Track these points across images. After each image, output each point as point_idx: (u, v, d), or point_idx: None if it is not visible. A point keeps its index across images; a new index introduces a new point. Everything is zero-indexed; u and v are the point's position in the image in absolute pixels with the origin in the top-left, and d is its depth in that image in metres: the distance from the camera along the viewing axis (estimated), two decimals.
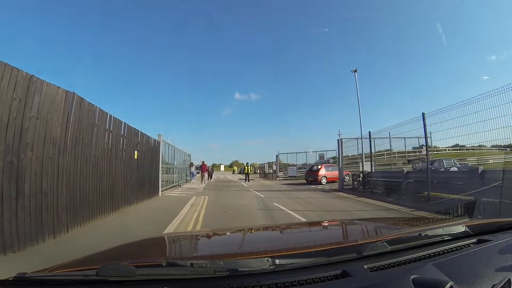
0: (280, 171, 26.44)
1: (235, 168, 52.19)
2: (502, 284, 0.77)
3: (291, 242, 1.54)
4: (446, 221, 1.90)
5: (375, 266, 0.89)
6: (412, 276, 0.76)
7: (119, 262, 0.93)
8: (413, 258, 0.96)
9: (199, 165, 22.78)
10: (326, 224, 2.13)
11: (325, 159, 24.32)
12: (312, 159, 26.12)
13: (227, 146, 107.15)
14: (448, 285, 0.71)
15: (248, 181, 21.28)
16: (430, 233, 1.11)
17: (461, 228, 1.16)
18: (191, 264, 0.82)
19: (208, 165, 22.47)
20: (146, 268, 0.87)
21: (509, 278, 0.79)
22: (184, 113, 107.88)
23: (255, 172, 50.78)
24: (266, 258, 0.85)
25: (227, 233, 1.89)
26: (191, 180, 20.71)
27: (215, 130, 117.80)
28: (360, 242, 1.05)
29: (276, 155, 26.63)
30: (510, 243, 1.08)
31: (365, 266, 0.88)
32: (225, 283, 0.79)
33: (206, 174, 21.15)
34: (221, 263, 0.83)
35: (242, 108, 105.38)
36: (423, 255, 0.98)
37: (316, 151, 25.62)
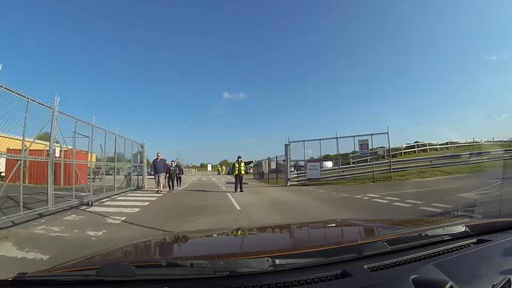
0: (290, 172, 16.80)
1: (220, 168, 42.41)
2: (502, 284, 0.77)
3: (291, 242, 1.53)
4: (446, 221, 1.87)
5: (375, 266, 0.88)
6: (412, 276, 0.76)
7: (119, 262, 1.00)
8: (413, 258, 0.95)
9: (172, 164, 13.32)
10: (326, 224, 2.13)
11: (370, 148, 14.63)
12: (344, 150, 16.36)
13: (219, 145, 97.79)
14: (448, 285, 0.71)
15: (241, 190, 11.69)
16: (430, 233, 1.11)
17: (461, 228, 1.15)
18: (191, 264, 0.81)
19: (169, 163, 13.20)
20: (146, 268, 0.86)
21: (509, 278, 0.79)
22: (173, 114, 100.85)
23: (246, 172, 41.58)
24: (266, 258, 0.84)
25: (227, 233, 1.86)
26: (155, 186, 12.35)
27: (206, 130, 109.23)
28: (360, 242, 1.06)
29: (286, 145, 16.54)
30: (510, 243, 1.08)
31: (365, 266, 0.87)
32: (225, 283, 0.78)
33: (161, 178, 12.08)
34: (221, 263, 0.83)
35: (233, 106, 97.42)
36: (423, 255, 0.97)
37: (354, 136, 14.68)
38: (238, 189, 11.62)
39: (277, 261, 0.84)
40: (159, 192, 11.63)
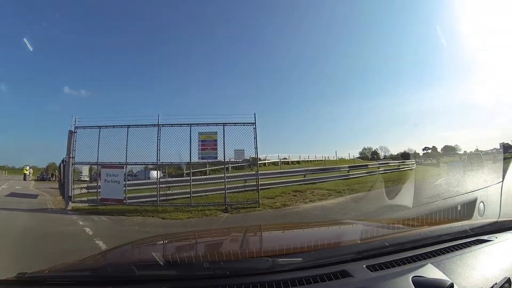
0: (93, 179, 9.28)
1: (26, 170, 29.06)
2: (502, 284, 0.77)
3: (291, 242, 1.45)
4: (446, 221, 1.86)
5: (375, 266, 0.87)
6: (412, 276, 0.76)
7: (119, 262, 1.00)
8: (413, 257, 0.94)
9: None
10: (326, 223, 2.25)
11: (225, 154, 7.90)
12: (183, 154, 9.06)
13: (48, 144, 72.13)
14: (448, 284, 0.70)
15: None
16: (430, 233, 1.10)
17: (461, 228, 1.15)
18: (191, 264, 0.80)
19: None
20: (146, 268, 0.85)
21: (509, 278, 0.79)
22: None
23: (49, 179, 29.04)
24: (266, 258, 0.84)
25: (227, 233, 1.85)
26: None
27: (40, 127, 79.37)
28: (360, 242, 1.05)
29: (70, 132, 8.32)
30: (510, 243, 1.08)
31: (365, 266, 0.86)
32: (225, 283, 0.78)
33: None
34: (222, 263, 0.83)
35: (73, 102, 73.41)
36: (423, 255, 0.96)
37: (190, 124, 7.63)
38: None
39: (277, 261, 0.84)
40: None
